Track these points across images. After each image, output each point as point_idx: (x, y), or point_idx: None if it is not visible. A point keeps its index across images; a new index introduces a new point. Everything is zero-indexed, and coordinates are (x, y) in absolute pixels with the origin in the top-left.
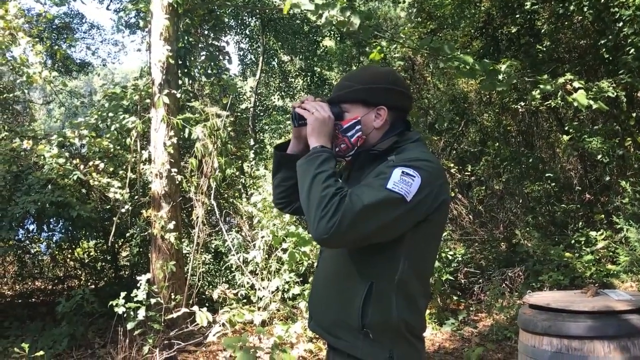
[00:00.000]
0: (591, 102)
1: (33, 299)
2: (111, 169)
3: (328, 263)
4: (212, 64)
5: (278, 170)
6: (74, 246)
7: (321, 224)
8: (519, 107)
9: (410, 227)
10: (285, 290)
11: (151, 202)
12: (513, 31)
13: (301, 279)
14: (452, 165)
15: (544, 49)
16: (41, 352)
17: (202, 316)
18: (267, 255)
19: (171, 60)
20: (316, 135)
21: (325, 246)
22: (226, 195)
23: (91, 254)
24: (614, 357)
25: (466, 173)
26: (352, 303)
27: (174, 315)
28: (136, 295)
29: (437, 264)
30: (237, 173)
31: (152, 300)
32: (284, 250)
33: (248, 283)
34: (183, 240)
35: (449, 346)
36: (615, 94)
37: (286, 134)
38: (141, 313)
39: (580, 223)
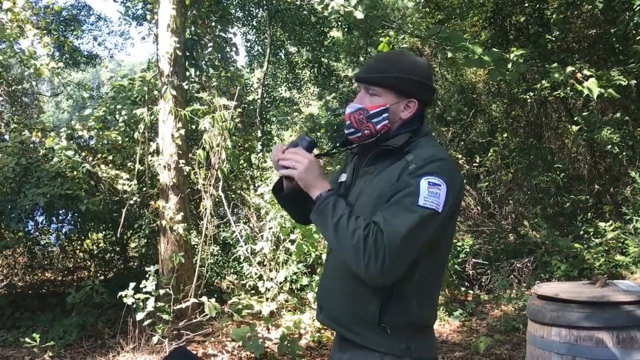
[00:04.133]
0: (602, 90)
1: (43, 290)
2: (119, 161)
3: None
4: (220, 55)
5: (283, 206)
6: (83, 238)
7: (370, 270)
8: (527, 97)
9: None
10: (293, 281)
11: (159, 194)
12: (522, 21)
13: (309, 270)
14: (460, 156)
15: (553, 38)
16: (52, 343)
17: (211, 307)
18: (274, 247)
19: (178, 52)
20: (311, 185)
21: (384, 286)
22: (234, 187)
23: (100, 245)
24: (622, 347)
25: (474, 164)
26: (370, 300)
27: (183, 305)
28: (145, 286)
29: None
30: (244, 164)
31: (161, 291)
32: (292, 242)
33: (256, 274)
34: (191, 231)
35: (456, 337)
36: (626, 82)
37: (292, 125)
38: (150, 304)
39: (589, 214)
